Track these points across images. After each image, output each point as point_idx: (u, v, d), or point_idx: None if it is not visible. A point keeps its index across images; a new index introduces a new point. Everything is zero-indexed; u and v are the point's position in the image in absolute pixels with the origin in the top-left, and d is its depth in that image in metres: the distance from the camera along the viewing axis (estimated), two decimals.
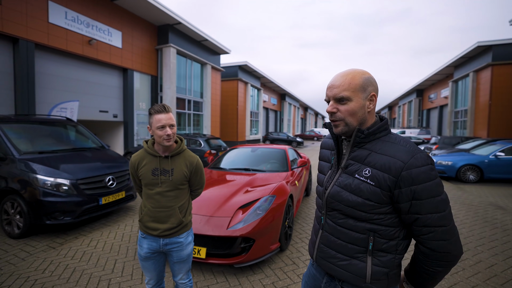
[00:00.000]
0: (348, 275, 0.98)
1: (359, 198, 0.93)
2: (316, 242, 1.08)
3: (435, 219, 0.87)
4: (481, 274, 2.78)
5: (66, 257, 3.05)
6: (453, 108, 20.41)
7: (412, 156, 0.88)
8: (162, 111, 1.55)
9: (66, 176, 3.67)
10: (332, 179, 1.03)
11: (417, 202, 0.87)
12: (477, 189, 7.04)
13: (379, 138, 0.97)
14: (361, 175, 0.94)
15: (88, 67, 9.74)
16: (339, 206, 0.98)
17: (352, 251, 0.97)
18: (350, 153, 1.00)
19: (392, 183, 0.88)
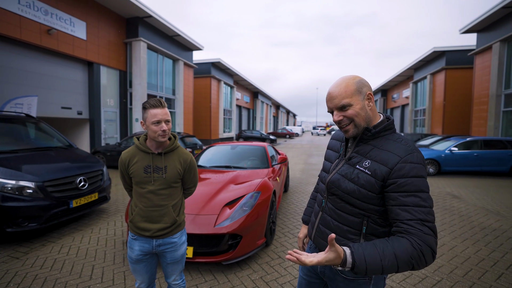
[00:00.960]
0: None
1: (355, 185, 1.02)
2: (316, 223, 1.18)
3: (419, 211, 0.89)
4: (444, 255, 3.08)
5: (34, 267, 2.78)
6: (413, 107, 22.15)
7: (409, 153, 0.95)
8: (158, 105, 1.49)
9: (30, 178, 3.34)
10: (336, 167, 1.14)
11: (404, 195, 0.91)
12: (435, 181, 7.74)
13: (384, 136, 1.05)
14: (361, 166, 1.02)
15: (48, 59, 8.91)
16: (337, 192, 1.08)
17: (346, 233, 1.06)
18: (355, 147, 1.09)
19: (387, 174, 0.95)
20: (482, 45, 13.42)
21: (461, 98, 16.73)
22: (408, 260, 0.85)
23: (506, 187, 6.87)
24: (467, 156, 8.45)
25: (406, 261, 0.85)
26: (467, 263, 2.90)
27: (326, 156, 1.28)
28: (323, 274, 1.18)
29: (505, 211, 4.80)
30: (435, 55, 17.97)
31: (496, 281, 2.55)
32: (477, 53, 13.93)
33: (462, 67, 16.57)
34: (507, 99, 12.13)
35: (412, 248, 0.85)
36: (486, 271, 2.73)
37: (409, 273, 2.68)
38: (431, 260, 0.87)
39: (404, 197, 0.91)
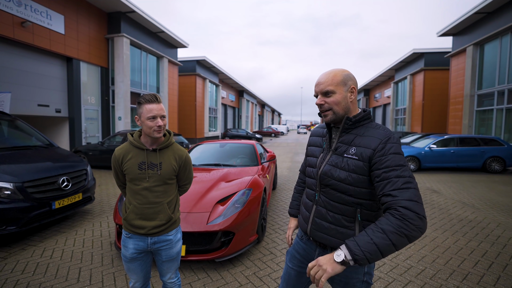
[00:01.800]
0: (340, 242, 1.11)
1: (346, 172, 1.10)
2: (310, 216, 1.22)
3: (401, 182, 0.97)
4: (427, 246, 3.24)
5: (15, 272, 2.64)
6: (395, 106, 22.98)
7: (388, 136, 1.07)
8: (154, 101, 1.46)
9: (7, 179, 3.16)
10: (324, 159, 1.20)
11: (387, 170, 1.00)
12: (416, 176, 8.09)
13: (363, 125, 1.16)
14: (348, 154, 1.11)
15: (23, 54, 8.43)
16: (330, 182, 1.14)
17: (342, 221, 1.13)
18: (339, 137, 1.17)
19: (371, 154, 1.05)
20: (457, 48, 14.14)
21: (438, 98, 17.56)
22: (396, 231, 0.88)
23: (480, 182, 7.31)
24: (445, 153, 8.89)
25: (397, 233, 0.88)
26: (448, 253, 3.06)
27: (309, 153, 1.33)
28: None
29: (479, 204, 5.10)
30: (415, 57, 18.73)
31: (473, 268, 2.71)
32: (452, 55, 14.65)
33: (440, 68, 17.39)
34: (479, 99, 12.87)
35: (394, 219, 0.90)
36: (464, 259, 2.90)
37: (395, 263, 2.80)
38: (420, 223, 0.89)
39: (387, 172, 1.00)
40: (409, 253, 3.04)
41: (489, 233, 3.65)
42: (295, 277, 1.32)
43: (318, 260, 0.95)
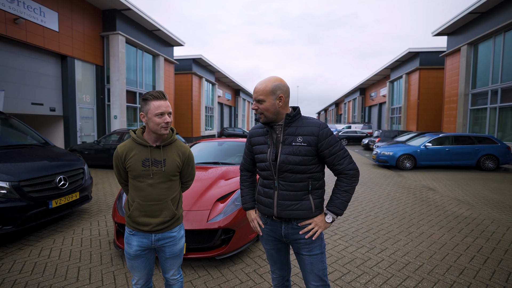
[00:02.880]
0: (301, 212, 1.44)
1: (300, 156, 1.40)
2: (274, 201, 1.47)
3: (342, 153, 1.43)
4: (424, 242, 3.29)
5: (12, 272, 2.61)
6: (390, 105, 23.17)
7: (321, 124, 1.44)
8: (161, 97, 1.46)
9: (4, 178, 3.11)
10: (274, 152, 1.45)
11: (331, 148, 1.41)
12: (412, 175, 8.18)
13: (297, 119, 1.47)
14: (297, 142, 1.41)
15: (16, 51, 8.30)
16: (288, 167, 1.41)
17: (300, 196, 1.44)
18: (284, 131, 1.45)
19: (316, 140, 1.40)
20: (451, 47, 14.30)
21: (433, 97, 17.76)
22: (351, 187, 1.44)
23: (474, 179, 7.42)
24: (440, 151, 9.01)
25: (352, 188, 1.45)
26: (444, 249, 3.11)
27: (257, 151, 1.55)
28: (287, 236, 1.50)
29: (474, 201, 5.19)
30: (410, 56, 18.89)
31: (469, 263, 2.76)
32: (447, 55, 14.82)
33: (435, 68, 17.58)
34: (473, 98, 13.05)
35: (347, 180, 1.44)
36: (460, 255, 2.95)
37: (393, 260, 2.83)
38: (358, 173, 1.46)
39: (331, 149, 1.41)
40: (407, 250, 3.08)
41: (484, 229, 3.71)
42: (277, 254, 1.60)
43: (314, 220, 1.44)
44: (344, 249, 3.10)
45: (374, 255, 2.95)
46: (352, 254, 2.96)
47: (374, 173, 8.41)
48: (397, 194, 5.71)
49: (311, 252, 1.47)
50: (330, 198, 1.49)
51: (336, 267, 2.69)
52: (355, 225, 3.86)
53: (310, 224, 1.44)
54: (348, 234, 3.54)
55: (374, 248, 3.11)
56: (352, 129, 22.75)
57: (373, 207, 4.76)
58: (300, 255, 1.50)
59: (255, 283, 2.40)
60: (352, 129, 22.75)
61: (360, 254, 2.97)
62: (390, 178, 7.54)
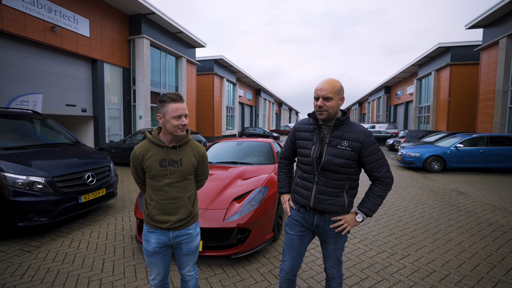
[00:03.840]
0: (335, 208, 1.58)
1: (343, 159, 1.51)
2: (312, 194, 1.59)
3: (382, 162, 1.55)
4: (452, 250, 3.08)
5: (46, 260, 2.83)
6: (418, 104, 21.99)
7: (367, 132, 1.54)
8: (179, 100, 1.51)
9: (40, 174, 3.38)
10: (319, 150, 1.56)
11: (373, 156, 1.53)
12: (441, 177, 7.71)
13: (345, 123, 1.56)
14: (342, 146, 1.52)
15: (52, 57, 8.96)
16: (331, 167, 1.53)
17: (336, 193, 1.57)
18: (331, 133, 1.55)
19: (360, 147, 1.51)
20: (488, 41, 13.25)
21: (466, 94, 16.58)
22: (384, 193, 1.57)
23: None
24: (473, 153, 8.40)
25: (385, 194, 1.57)
26: (475, 258, 2.90)
27: (301, 145, 1.65)
28: (318, 226, 1.64)
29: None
30: (440, 51, 17.80)
31: (505, 276, 2.55)
32: (483, 49, 13.77)
33: (468, 63, 16.40)
34: None
35: (382, 187, 1.57)
36: (494, 266, 2.73)
37: (417, 267, 2.69)
38: (392, 181, 1.58)
39: (373, 157, 1.53)
40: (432, 257, 2.91)
41: None
42: (298, 241, 1.68)
43: (345, 217, 1.58)
44: (363, 253, 3.00)
45: (396, 261, 2.82)
46: (371, 259, 2.86)
47: (398, 175, 8.04)
48: (423, 198, 5.41)
49: (336, 242, 1.64)
50: (363, 200, 1.61)
51: (354, 272, 2.61)
52: (376, 229, 3.71)
53: (341, 220, 1.58)
54: (368, 237, 3.42)
55: (396, 254, 2.98)
56: (376, 129, 21.90)
57: (396, 211, 4.55)
58: (326, 242, 1.67)
59: (269, 283, 2.40)
60: (376, 129, 21.90)
61: (380, 260, 2.85)
62: (416, 181, 7.17)
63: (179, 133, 1.54)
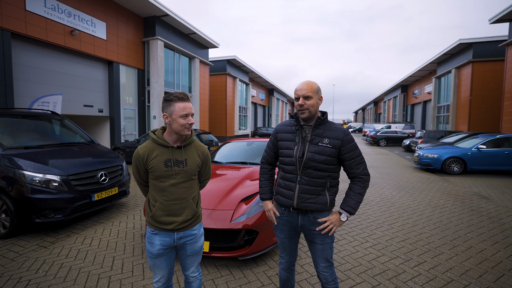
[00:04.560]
0: (318, 206, 1.61)
1: (324, 156, 1.58)
2: (295, 193, 1.63)
3: (360, 159, 1.63)
4: (473, 258, 2.90)
5: (60, 256, 2.92)
6: (436, 103, 21.15)
7: (345, 130, 1.62)
8: (186, 99, 1.50)
9: (56, 172, 3.49)
10: (302, 149, 1.61)
11: (352, 153, 1.61)
12: (461, 180, 7.35)
13: (325, 122, 1.64)
14: (323, 143, 1.59)
15: (71, 59, 9.29)
16: (313, 164, 1.58)
17: (318, 191, 1.61)
18: (313, 132, 1.62)
19: (340, 144, 1.59)
20: None
21: (489, 93, 15.76)
22: (364, 190, 1.64)
23: None
24: (497, 155, 7.95)
25: (364, 191, 1.64)
26: (499, 268, 2.71)
27: (284, 146, 1.69)
28: (303, 227, 1.67)
29: None
30: (461, 48, 17.02)
31: None
32: (508, 44, 13.02)
33: (491, 60, 15.58)
34: None
35: (361, 183, 1.63)
36: None
37: (433, 275, 2.55)
38: (369, 177, 1.65)
39: (352, 154, 1.61)
40: (450, 265, 2.76)
41: None
42: (288, 242, 1.77)
43: (329, 219, 1.62)
44: (375, 258, 2.88)
45: (410, 268, 2.70)
46: (384, 265, 2.74)
47: (414, 177, 7.73)
48: (441, 201, 5.16)
49: (323, 241, 1.66)
50: (345, 199, 1.66)
51: (365, 278, 2.51)
52: (390, 233, 3.57)
53: (326, 221, 1.62)
54: (380, 242, 3.29)
55: (410, 260, 2.84)
56: (392, 129, 21.26)
57: (412, 215, 4.37)
58: (313, 243, 1.69)
59: (276, 287, 2.35)
60: (392, 129, 21.26)
61: (394, 266, 2.73)
62: (433, 183, 6.86)
63: (185, 133, 1.52)
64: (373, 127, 25.98)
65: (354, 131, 43.83)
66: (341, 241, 3.33)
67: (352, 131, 44.04)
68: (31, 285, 2.38)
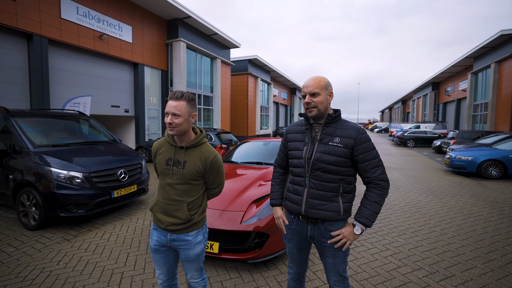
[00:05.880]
0: (329, 214, 1.46)
1: (334, 156, 1.43)
2: (303, 198, 1.50)
3: (377, 162, 1.45)
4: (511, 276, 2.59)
5: (80, 249, 3.06)
6: (472, 101, 19.57)
7: (360, 129, 1.47)
8: (176, 98, 1.45)
9: (79, 169, 3.68)
10: (311, 150, 1.48)
11: (367, 154, 1.44)
12: (500, 185, 6.69)
13: (337, 120, 1.51)
14: (333, 142, 1.45)
15: (100, 62, 9.82)
16: (322, 165, 1.45)
17: (330, 197, 1.46)
18: (323, 130, 1.49)
19: (353, 143, 1.43)
20: None
21: None
22: (381, 198, 1.44)
23: None
24: None
25: (382, 199, 1.44)
26: None
27: (293, 146, 1.58)
28: (312, 238, 1.54)
29: None
30: (502, 40, 15.55)
31: None
32: None
33: None
34: None
35: (378, 191, 1.44)
36: None
37: (467, 280, 2.30)
38: (388, 185, 1.46)
39: (367, 155, 1.44)
40: (483, 281, 2.48)
41: None
42: (297, 254, 1.64)
43: (342, 232, 1.45)
44: (395, 269, 2.68)
45: (435, 282, 2.46)
46: (405, 277, 2.53)
47: (445, 180, 7.17)
48: (475, 208, 4.72)
49: (335, 255, 1.51)
50: (359, 209, 1.47)
51: None
52: (413, 241, 3.31)
53: (339, 235, 1.46)
54: (402, 251, 3.06)
55: (436, 273, 2.60)
56: (421, 129, 20.01)
57: (440, 222, 4.03)
58: (324, 256, 1.55)
59: None
60: (421, 129, 20.01)
61: (416, 278, 2.51)
62: (466, 188, 6.31)
63: (169, 132, 1.48)
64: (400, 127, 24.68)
65: (380, 131, 41.95)
66: (358, 247, 3.14)
67: (378, 131, 42.18)
68: (52, 276, 2.51)
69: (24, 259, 2.84)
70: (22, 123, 4.04)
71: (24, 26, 7.35)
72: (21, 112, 4.27)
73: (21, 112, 4.28)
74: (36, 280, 2.45)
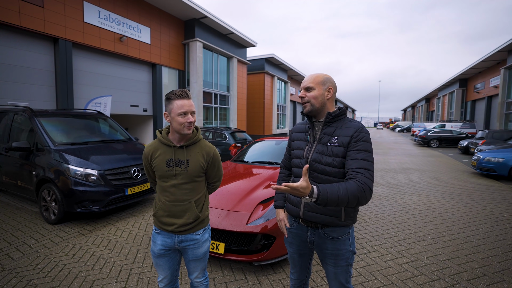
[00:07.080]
0: (329, 218, 1.37)
1: (331, 157, 1.35)
2: (302, 201, 1.42)
3: (366, 164, 1.27)
4: None
5: (94, 245, 3.16)
6: (505, 98, 18.20)
7: (361, 127, 1.37)
8: (184, 96, 1.44)
9: (94, 167, 3.80)
10: (311, 149, 1.43)
11: (358, 152, 1.29)
12: None
13: (340, 119, 1.42)
14: (331, 142, 1.37)
15: (120, 63, 10.17)
16: (319, 166, 1.37)
17: None
18: (322, 130, 1.43)
19: (348, 140, 1.33)
20: None
21: None
22: (355, 194, 1.17)
23: None
24: None
25: (354, 195, 1.17)
26: None
27: (294, 147, 1.53)
28: (312, 243, 1.46)
29: None
30: None
31: None
32: None
33: None
34: None
35: (357, 186, 1.18)
36: None
37: None
38: (370, 196, 1.22)
39: (356, 153, 1.29)
40: None
41: None
42: (299, 259, 1.58)
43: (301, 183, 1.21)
44: (411, 278, 2.51)
45: None
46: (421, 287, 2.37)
47: (471, 183, 6.70)
48: (505, 215, 4.36)
49: (336, 264, 1.43)
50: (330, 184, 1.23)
51: None
52: (433, 249, 3.10)
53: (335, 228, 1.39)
54: (420, 259, 2.87)
55: (457, 285, 2.41)
56: (446, 128, 18.93)
57: (464, 228, 3.75)
58: (325, 263, 1.48)
59: None
60: (446, 128, 18.93)
61: None
62: (496, 192, 5.85)
63: (185, 132, 1.46)
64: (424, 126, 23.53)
65: (402, 131, 40.25)
66: (371, 253, 2.99)
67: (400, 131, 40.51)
68: (65, 269, 2.60)
69: (42, 251, 2.98)
70: (45, 122, 4.25)
71: (50, 30, 7.75)
72: (44, 112, 4.49)
73: (44, 112, 4.50)
74: (51, 273, 2.55)
